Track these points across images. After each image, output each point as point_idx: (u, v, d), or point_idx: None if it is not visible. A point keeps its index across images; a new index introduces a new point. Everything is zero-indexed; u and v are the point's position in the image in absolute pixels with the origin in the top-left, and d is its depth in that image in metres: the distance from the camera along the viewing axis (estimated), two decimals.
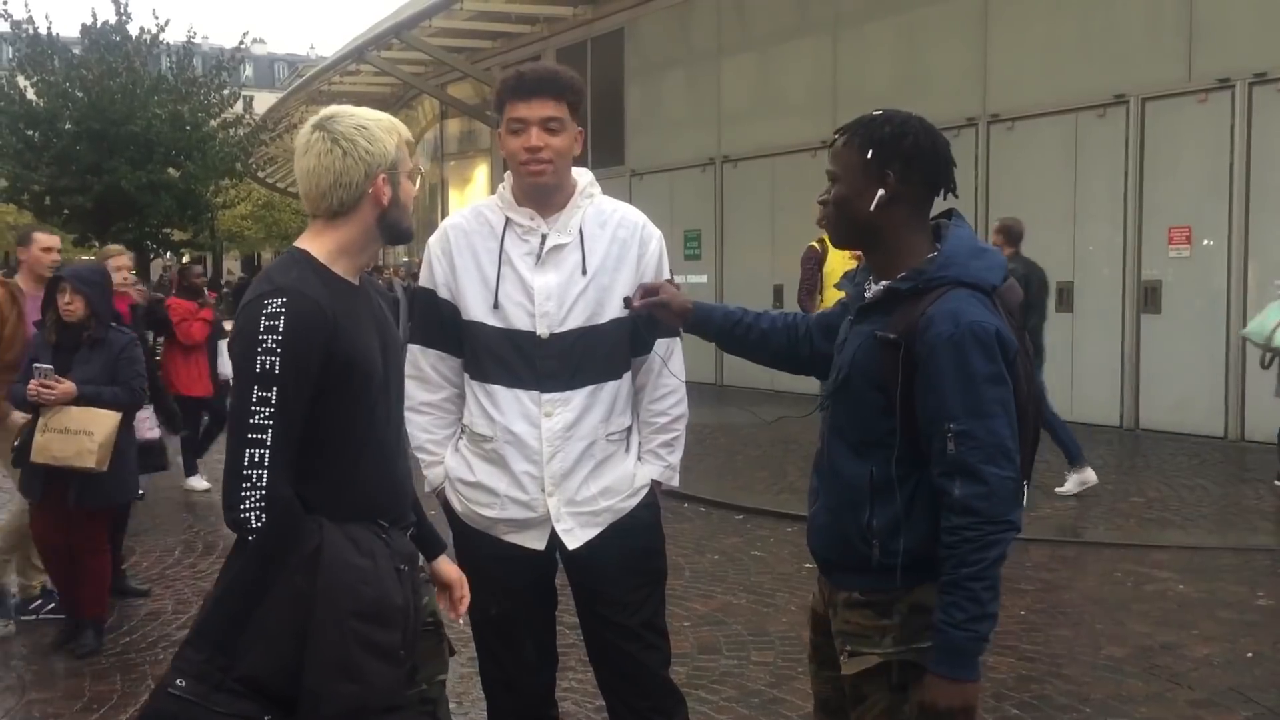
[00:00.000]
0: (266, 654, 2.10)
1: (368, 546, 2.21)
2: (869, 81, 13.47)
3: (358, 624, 2.13)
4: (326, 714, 2.10)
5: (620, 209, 2.93)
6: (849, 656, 2.33)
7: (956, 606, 2.14)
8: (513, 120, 2.74)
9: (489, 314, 2.80)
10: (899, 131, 2.27)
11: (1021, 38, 11.90)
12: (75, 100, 15.38)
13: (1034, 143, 11.78)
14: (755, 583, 6.17)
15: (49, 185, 15.44)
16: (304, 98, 24.30)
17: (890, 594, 2.27)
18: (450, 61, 19.72)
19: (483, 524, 2.87)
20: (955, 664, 2.16)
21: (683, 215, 15.82)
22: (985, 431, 2.14)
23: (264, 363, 2.12)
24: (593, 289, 2.80)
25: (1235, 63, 9.99)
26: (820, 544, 2.44)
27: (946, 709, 2.17)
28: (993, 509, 2.13)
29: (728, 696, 4.51)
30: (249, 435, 2.12)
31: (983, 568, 2.14)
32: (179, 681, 2.11)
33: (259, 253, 53.62)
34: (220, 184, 17.50)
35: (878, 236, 2.31)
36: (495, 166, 21.61)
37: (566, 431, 2.79)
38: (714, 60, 15.93)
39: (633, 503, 2.91)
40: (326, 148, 2.26)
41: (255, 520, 2.11)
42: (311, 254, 2.29)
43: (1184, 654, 4.87)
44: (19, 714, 4.48)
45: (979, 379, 2.15)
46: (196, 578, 6.44)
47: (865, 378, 2.28)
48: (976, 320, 2.17)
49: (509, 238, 2.82)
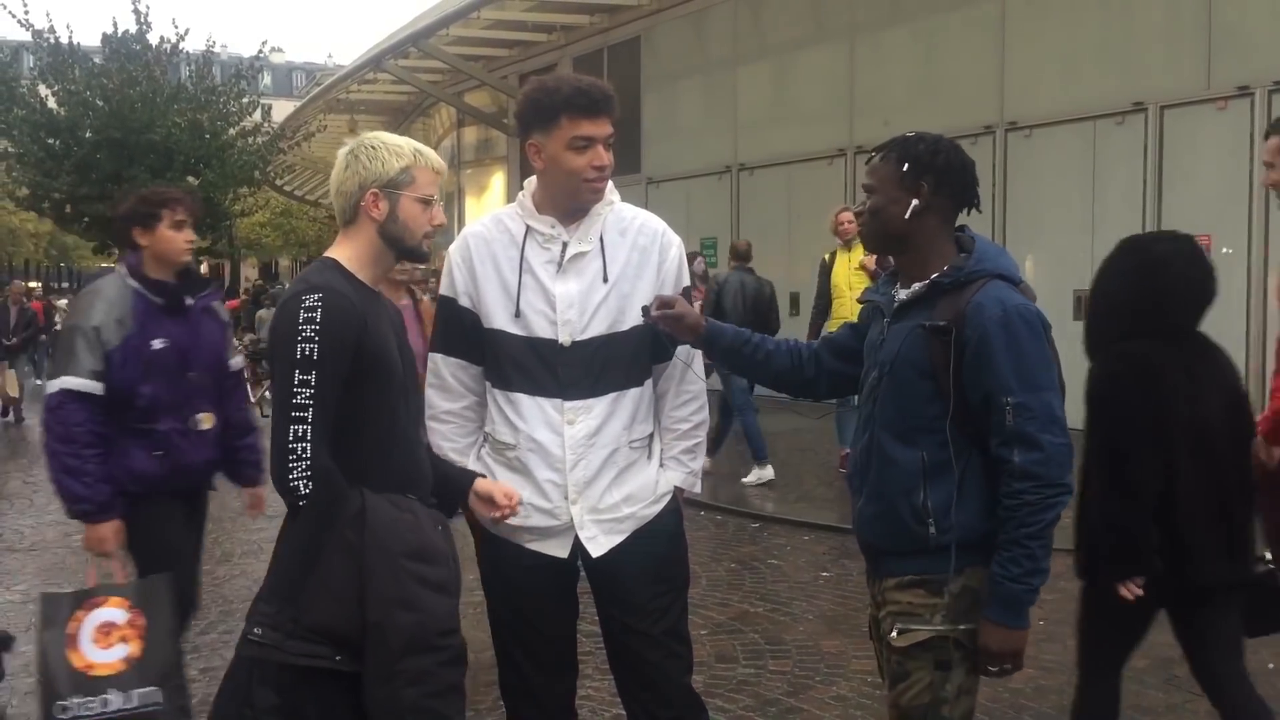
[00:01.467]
0: (330, 603, 2.36)
1: (406, 505, 2.49)
2: (886, 89, 13.45)
3: (408, 562, 2.40)
4: (393, 643, 2.36)
5: (640, 216, 2.93)
6: (899, 633, 2.48)
7: (1014, 562, 2.37)
8: (578, 137, 2.72)
9: (510, 322, 2.80)
10: (932, 149, 2.50)
11: (1039, 45, 11.87)
12: (96, 109, 15.48)
13: (1052, 150, 11.73)
14: (772, 591, 6.16)
15: (69, 193, 15.55)
16: (322, 106, 24.41)
17: (942, 575, 2.45)
18: (467, 70, 19.77)
19: (506, 532, 2.87)
20: (1011, 613, 2.40)
21: (699, 223, 15.81)
22: (1039, 403, 2.35)
23: (304, 350, 2.37)
24: (614, 296, 2.80)
25: (1254, 70, 9.94)
26: (871, 534, 2.57)
27: (999, 652, 2.42)
28: (1050, 473, 2.35)
29: (745, 705, 4.50)
30: (293, 414, 2.37)
31: (1040, 528, 2.36)
32: (256, 630, 2.40)
33: (276, 260, 53.90)
34: (239, 192, 17.58)
35: (909, 242, 2.53)
36: (512, 174, 21.65)
37: (589, 439, 2.80)
38: (730, 68, 15.94)
39: (656, 509, 2.91)
40: (342, 163, 2.58)
41: (304, 488, 2.38)
42: (339, 261, 2.57)
43: None
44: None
45: (1029, 356, 2.37)
46: (214, 584, 6.46)
47: (913, 367, 2.45)
48: (1022, 303, 2.42)
49: (530, 246, 2.82)
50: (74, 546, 7.48)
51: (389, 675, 2.36)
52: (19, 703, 4.67)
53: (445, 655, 2.44)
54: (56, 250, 44.96)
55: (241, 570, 6.76)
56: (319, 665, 2.36)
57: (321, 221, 42.24)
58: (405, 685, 2.36)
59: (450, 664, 2.46)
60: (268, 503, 9.14)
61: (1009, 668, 2.45)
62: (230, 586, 6.41)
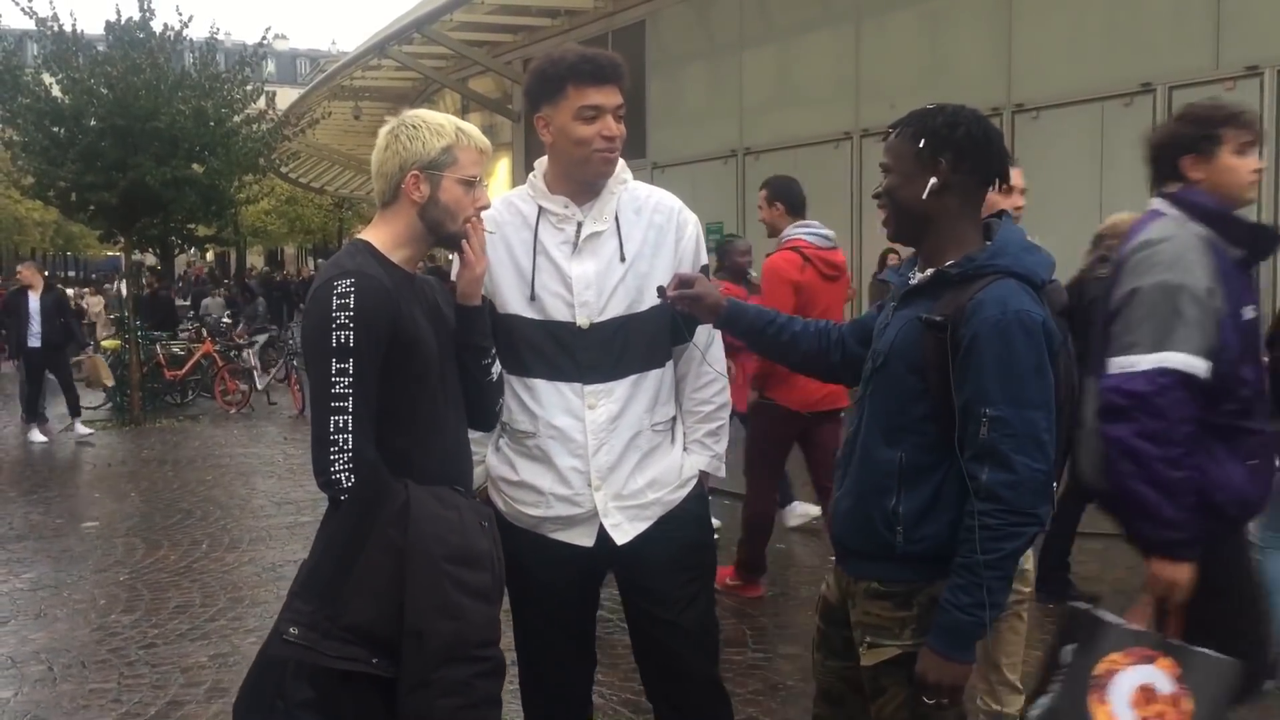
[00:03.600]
0: (369, 603, 2.27)
1: (451, 501, 2.39)
2: (892, 72, 13.38)
3: (450, 567, 2.30)
4: (430, 651, 2.26)
5: (655, 194, 2.85)
6: (868, 648, 2.35)
7: (964, 590, 2.15)
8: (586, 107, 2.63)
9: (526, 306, 2.72)
10: (951, 122, 2.29)
11: (1046, 26, 11.80)
12: (100, 97, 15.42)
13: (1059, 132, 11.68)
14: (781, 576, 6.16)
15: (74, 181, 15.49)
16: (326, 93, 24.34)
17: (910, 585, 2.29)
18: (471, 55, 19.71)
19: (529, 524, 2.78)
20: (954, 644, 2.19)
21: (705, 208, 15.65)
22: (1021, 420, 2.14)
23: (339, 337, 2.29)
24: (631, 276, 2.72)
25: (1263, 50, 9.88)
26: (842, 530, 2.44)
27: (935, 684, 2.22)
28: (1018, 499, 2.13)
29: (754, 690, 4.50)
30: (332, 404, 2.29)
31: (998, 557, 2.14)
32: (291, 630, 2.28)
33: (282, 247, 53.89)
34: (244, 179, 17.52)
35: (929, 224, 2.33)
36: (517, 160, 21.60)
37: (611, 423, 2.71)
38: (735, 52, 15.87)
39: (681, 494, 2.83)
40: (383, 142, 2.46)
41: (346, 480, 2.28)
42: (372, 244, 2.46)
43: None
44: (49, 705, 4.51)
45: (1022, 367, 2.15)
46: (223, 571, 6.48)
47: (904, 361, 2.29)
48: (1025, 309, 2.18)
49: (543, 227, 2.74)
50: (84, 534, 7.51)
51: (424, 684, 2.27)
52: (29, 690, 4.68)
53: (484, 667, 2.35)
54: (63, 239, 45.00)
55: (250, 558, 6.78)
56: (355, 669, 2.27)
57: (327, 209, 42.24)
58: (440, 696, 2.27)
59: (488, 676, 2.37)
60: (277, 493, 9.19)
61: (945, 702, 2.24)
62: (239, 574, 6.43)
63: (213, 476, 9.69)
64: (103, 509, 8.46)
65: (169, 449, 11.25)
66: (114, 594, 6.06)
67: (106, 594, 6.07)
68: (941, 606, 2.19)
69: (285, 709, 2.28)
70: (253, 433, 12.48)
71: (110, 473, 10.01)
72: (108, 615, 5.68)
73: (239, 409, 13.93)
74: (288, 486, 9.07)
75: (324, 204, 41.47)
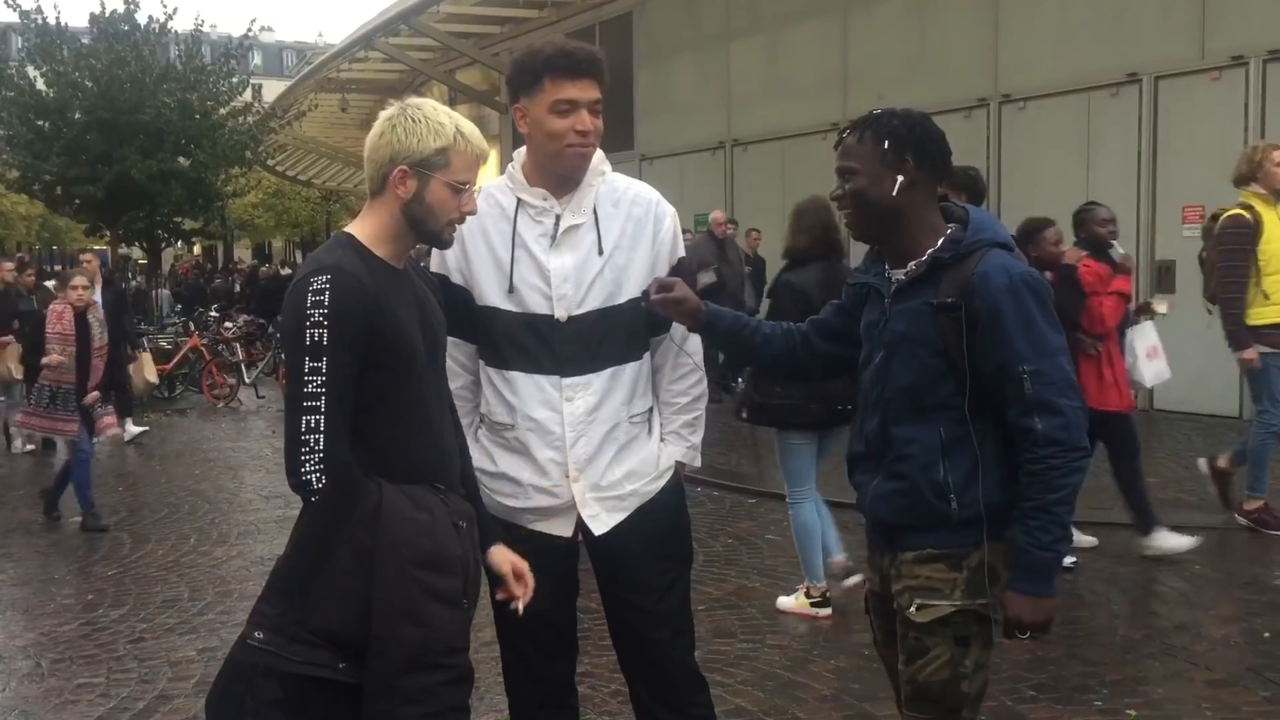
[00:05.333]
0: (337, 606, 2.24)
1: (425, 503, 2.35)
2: (879, 63, 13.39)
3: (418, 572, 2.27)
4: (393, 657, 2.24)
5: (633, 186, 2.86)
6: (919, 608, 2.45)
7: (1043, 529, 2.34)
8: (561, 101, 2.64)
9: (504, 298, 2.74)
10: (907, 123, 2.46)
11: (1033, 16, 11.81)
12: (85, 90, 15.38)
13: (1046, 122, 11.70)
14: (769, 566, 6.17)
15: (60, 175, 15.46)
16: (312, 85, 24.26)
17: (962, 549, 2.43)
18: (458, 47, 19.66)
19: (507, 514, 2.81)
20: (1041, 581, 2.38)
21: (693, 199, 15.73)
22: (1054, 368, 2.35)
23: (313, 335, 2.24)
24: (609, 269, 2.74)
25: (1249, 40, 9.91)
26: (888, 511, 2.51)
27: (1032, 622, 2.40)
28: (1072, 437, 2.34)
29: (743, 680, 4.51)
30: (304, 404, 2.24)
31: (1067, 493, 2.35)
32: (257, 634, 2.25)
33: (269, 241, 53.70)
34: (230, 172, 17.49)
35: (900, 221, 2.48)
36: (504, 153, 21.53)
37: (589, 415, 2.74)
38: (723, 43, 15.86)
39: (658, 485, 2.86)
40: (380, 128, 2.39)
41: (316, 482, 2.24)
42: (356, 237, 2.41)
43: (1201, 635, 4.85)
44: (36, 700, 4.50)
45: (1039, 322, 2.36)
46: (211, 565, 6.47)
47: (925, 345, 2.43)
48: (1027, 270, 2.41)
49: (522, 219, 2.75)
50: (71, 529, 7.48)
51: (388, 691, 2.24)
52: (17, 685, 4.67)
53: (449, 674, 2.32)
54: (48, 233, 44.77)
55: (239, 552, 6.77)
56: (321, 675, 2.24)
57: (314, 202, 42.09)
58: (404, 703, 2.25)
59: (453, 684, 2.33)
60: (265, 486, 9.16)
61: (1038, 635, 2.45)
62: (227, 568, 6.42)
63: (200, 470, 9.67)
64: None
65: (156, 443, 11.21)
66: (101, 589, 6.05)
67: (94, 589, 6.05)
68: (1022, 549, 2.37)
69: (254, 706, 2.26)
70: (240, 426, 12.45)
71: (97, 467, 9.97)
72: (95, 610, 5.66)
73: (227, 403, 13.88)
74: (276, 480, 9.04)
75: (311, 197, 41.32)
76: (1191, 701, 4.19)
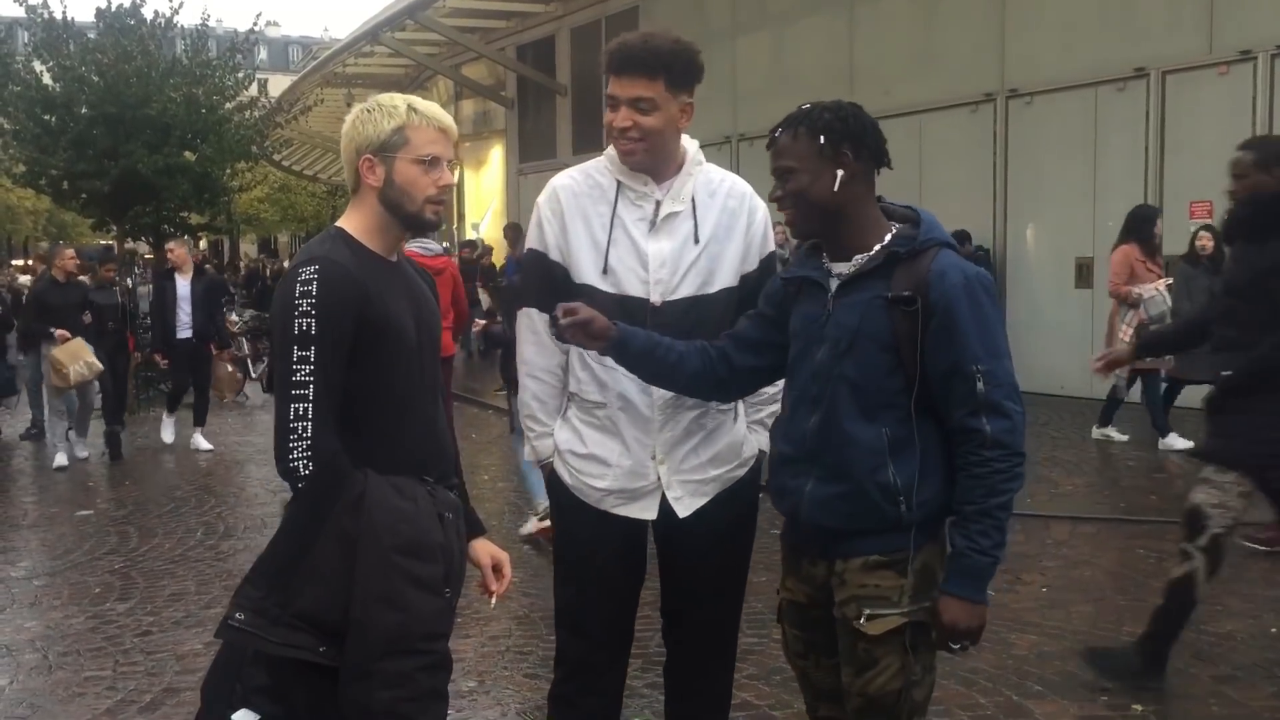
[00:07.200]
0: (319, 591, 2.27)
1: (410, 492, 2.38)
2: (885, 58, 13.37)
3: (399, 558, 2.30)
4: (371, 641, 2.26)
5: (728, 179, 2.91)
6: (869, 619, 2.39)
7: (984, 534, 2.31)
8: (609, 96, 2.72)
9: (599, 278, 2.75)
10: (840, 115, 2.42)
11: (1039, 11, 11.78)
12: (91, 84, 15.36)
13: (1053, 117, 11.68)
14: (775, 561, 6.11)
15: (66, 169, 15.45)
16: (318, 80, 24.25)
17: (906, 553, 2.38)
18: (464, 42, 19.65)
19: (594, 497, 2.83)
20: (978, 586, 2.34)
21: None
22: (1004, 371, 2.34)
23: (301, 325, 2.27)
24: (704, 258, 2.78)
25: (1256, 34, 9.88)
26: (830, 516, 2.43)
27: (967, 629, 2.34)
28: (1016, 441, 2.32)
29: (749, 674, 4.51)
30: (292, 392, 2.27)
31: (1008, 498, 2.32)
32: (238, 615, 2.27)
33: (275, 235, 53.74)
34: (236, 167, 17.47)
35: (842, 215, 2.43)
36: (510, 147, 21.53)
37: (678, 399, 2.77)
38: (729, 38, 15.84)
39: (741, 472, 2.92)
40: (344, 130, 2.46)
41: (303, 469, 2.28)
42: (347, 230, 2.45)
43: (1208, 630, 4.84)
44: (44, 693, 4.51)
45: (992, 322, 2.36)
46: (218, 559, 6.48)
47: (873, 340, 2.38)
48: (979, 271, 2.40)
49: (622, 202, 2.79)
50: (78, 522, 7.51)
51: (364, 674, 2.27)
52: (25, 678, 4.68)
53: (428, 660, 2.35)
54: (55, 228, 44.83)
55: (245, 545, 6.78)
56: (301, 657, 2.26)
57: (320, 197, 42.08)
58: (380, 687, 2.27)
59: (432, 669, 2.36)
60: (271, 480, 9.17)
61: (968, 645, 2.37)
62: (234, 561, 6.43)
63: (207, 464, 9.69)
64: (97, 497, 8.46)
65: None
66: (109, 582, 6.06)
67: (101, 582, 6.07)
68: (961, 554, 2.32)
69: (242, 693, 2.30)
70: (246, 421, 12.47)
71: (104, 461, 10.00)
72: (103, 603, 5.68)
73: (233, 397, 13.90)
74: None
75: (317, 191, 41.28)
76: (1198, 698, 4.19)
